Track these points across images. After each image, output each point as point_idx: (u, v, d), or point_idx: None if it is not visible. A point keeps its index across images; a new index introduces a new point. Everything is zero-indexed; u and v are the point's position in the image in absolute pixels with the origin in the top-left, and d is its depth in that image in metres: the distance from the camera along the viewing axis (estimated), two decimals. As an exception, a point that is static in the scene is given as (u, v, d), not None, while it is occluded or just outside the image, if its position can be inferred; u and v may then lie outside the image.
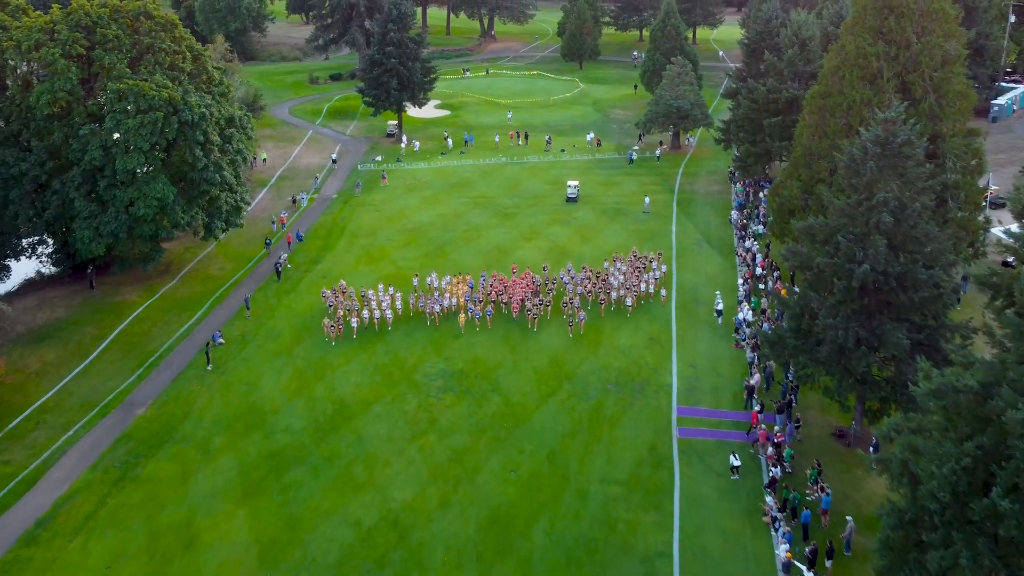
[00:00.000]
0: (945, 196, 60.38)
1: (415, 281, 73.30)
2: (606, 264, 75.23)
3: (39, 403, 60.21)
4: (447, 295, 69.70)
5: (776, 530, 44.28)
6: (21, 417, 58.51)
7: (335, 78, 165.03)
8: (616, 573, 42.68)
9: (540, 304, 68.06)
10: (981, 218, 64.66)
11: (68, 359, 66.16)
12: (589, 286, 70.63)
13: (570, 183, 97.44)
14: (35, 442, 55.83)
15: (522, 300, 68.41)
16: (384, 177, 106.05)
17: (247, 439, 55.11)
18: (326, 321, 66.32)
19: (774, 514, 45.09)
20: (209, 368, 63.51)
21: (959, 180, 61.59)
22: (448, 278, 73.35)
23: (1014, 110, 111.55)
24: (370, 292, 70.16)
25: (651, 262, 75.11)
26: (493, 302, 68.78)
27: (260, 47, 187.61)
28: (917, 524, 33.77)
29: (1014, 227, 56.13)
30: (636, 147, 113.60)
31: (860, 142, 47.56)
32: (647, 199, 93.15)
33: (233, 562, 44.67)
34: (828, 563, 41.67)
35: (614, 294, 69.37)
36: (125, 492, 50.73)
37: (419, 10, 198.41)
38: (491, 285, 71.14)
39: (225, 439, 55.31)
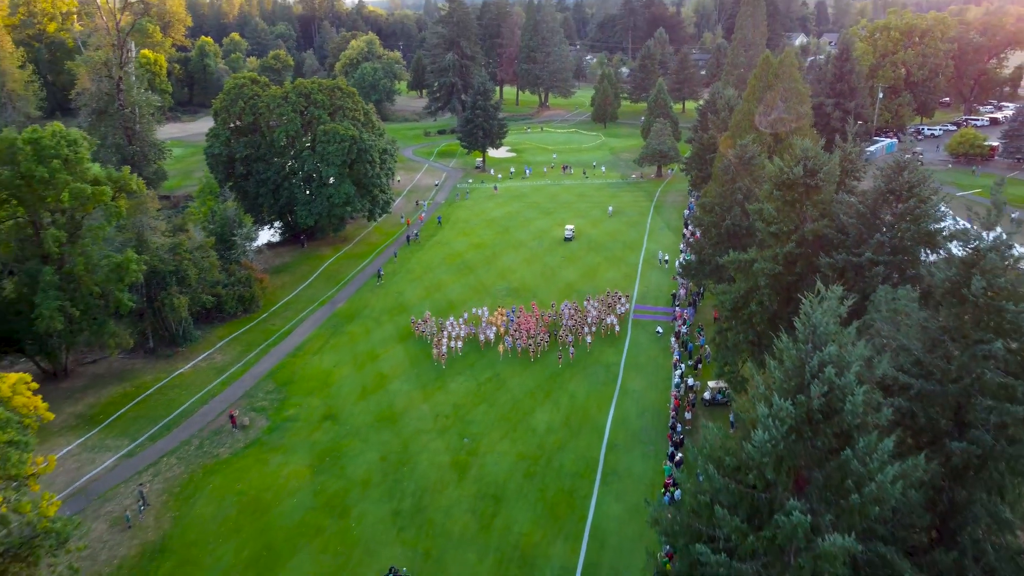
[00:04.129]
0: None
1: (465, 315, 72.17)
2: (585, 303, 72.74)
3: (284, 300, 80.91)
4: (493, 326, 68.86)
5: (674, 353, 64.01)
6: (277, 306, 79.30)
7: (442, 132, 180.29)
8: (590, 371, 62.32)
9: (543, 341, 66.43)
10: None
11: (295, 282, 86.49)
12: (578, 317, 69.55)
13: (568, 227, 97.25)
14: (286, 317, 76.61)
15: (532, 333, 66.66)
16: (496, 188, 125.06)
17: (399, 316, 75.37)
18: (435, 351, 65.22)
19: (675, 346, 64.79)
20: (378, 283, 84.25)
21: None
22: (486, 311, 72.82)
23: (880, 155, 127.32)
24: (444, 322, 70.49)
25: (620, 299, 73.71)
26: (517, 337, 66.58)
27: (390, 112, 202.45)
28: (725, 330, 53.42)
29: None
30: (635, 175, 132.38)
31: (728, 155, 66.66)
32: (610, 207, 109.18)
33: (397, 364, 65.15)
34: (699, 366, 61.49)
35: (586, 328, 68.09)
36: (336, 339, 71.23)
37: (497, 88, 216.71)
38: (518, 319, 69.44)
39: (387, 317, 75.60)
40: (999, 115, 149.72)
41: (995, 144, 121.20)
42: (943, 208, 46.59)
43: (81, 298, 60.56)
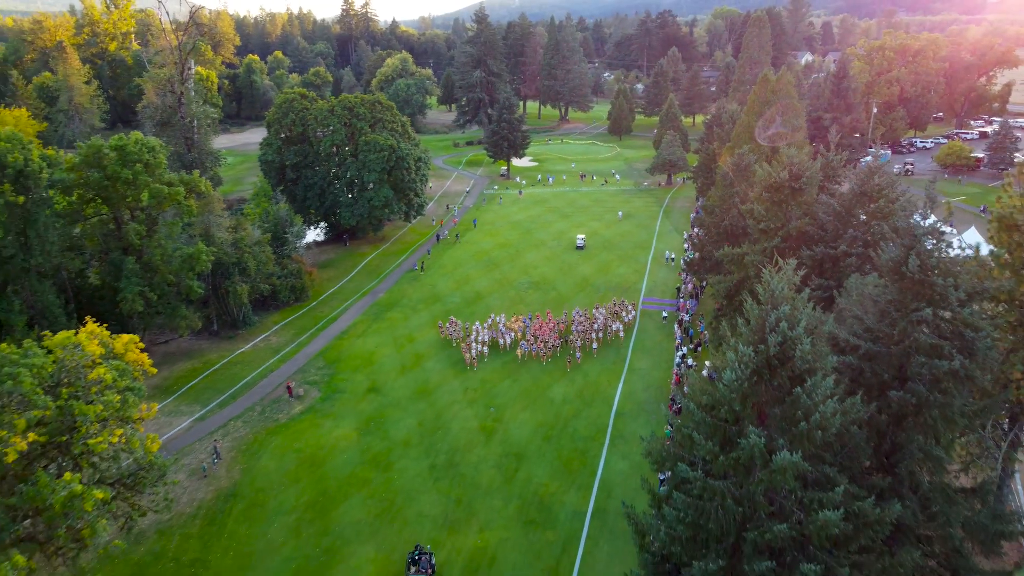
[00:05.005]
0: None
1: (488, 320, 72.42)
2: (594, 311, 72.72)
3: (330, 291, 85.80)
4: (510, 331, 69.25)
5: (677, 338, 68.29)
6: (324, 296, 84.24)
7: (469, 143, 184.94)
8: (605, 355, 66.70)
9: (554, 347, 66.57)
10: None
11: (339, 275, 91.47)
12: (586, 324, 69.28)
13: (579, 236, 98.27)
14: (332, 305, 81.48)
15: (546, 340, 66.85)
16: (520, 193, 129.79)
17: (433, 305, 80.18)
18: (466, 356, 65.47)
19: (678, 332, 69.08)
20: (420, 273, 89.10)
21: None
22: (504, 318, 72.94)
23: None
24: (470, 326, 71.59)
25: (626, 307, 74.27)
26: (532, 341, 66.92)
27: (422, 124, 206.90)
28: (720, 315, 57.73)
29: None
30: (647, 182, 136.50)
31: (726, 164, 70.88)
32: (620, 212, 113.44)
33: (430, 347, 69.86)
34: (699, 349, 65.76)
35: (593, 335, 67.85)
36: (377, 324, 76.09)
37: (521, 103, 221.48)
38: (535, 325, 69.81)
39: (423, 304, 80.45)
40: (988, 129, 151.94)
41: (980, 156, 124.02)
42: (920, 208, 50.93)
43: (157, 285, 66.04)
